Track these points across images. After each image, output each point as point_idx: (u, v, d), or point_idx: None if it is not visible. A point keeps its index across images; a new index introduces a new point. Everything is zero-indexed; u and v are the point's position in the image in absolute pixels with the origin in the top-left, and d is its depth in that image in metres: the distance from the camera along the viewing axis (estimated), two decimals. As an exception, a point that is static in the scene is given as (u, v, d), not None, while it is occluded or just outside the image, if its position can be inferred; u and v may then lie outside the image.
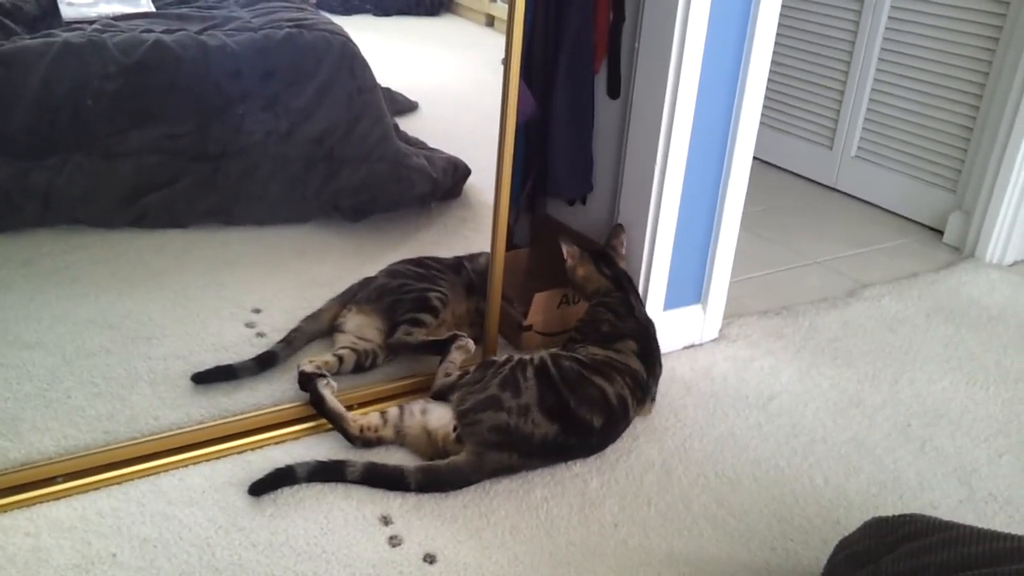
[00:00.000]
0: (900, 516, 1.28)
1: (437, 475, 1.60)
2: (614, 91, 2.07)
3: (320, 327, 2.00)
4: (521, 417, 1.62)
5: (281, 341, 1.93)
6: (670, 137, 1.89)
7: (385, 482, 1.59)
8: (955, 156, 2.88)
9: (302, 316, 2.07)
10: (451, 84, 4.22)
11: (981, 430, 1.91)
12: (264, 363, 1.87)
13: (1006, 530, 1.18)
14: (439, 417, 1.68)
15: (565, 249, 1.96)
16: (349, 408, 1.75)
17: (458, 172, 2.75)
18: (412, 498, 1.58)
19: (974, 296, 2.52)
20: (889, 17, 2.98)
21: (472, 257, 2.18)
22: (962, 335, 2.30)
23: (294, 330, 1.96)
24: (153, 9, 2.92)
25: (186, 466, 1.62)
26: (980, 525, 1.20)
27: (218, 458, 1.64)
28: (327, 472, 1.59)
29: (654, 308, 2.05)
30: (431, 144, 2.90)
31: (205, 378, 1.83)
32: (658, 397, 1.93)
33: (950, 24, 2.82)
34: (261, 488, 1.56)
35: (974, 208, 2.77)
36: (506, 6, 1.74)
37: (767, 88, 2.02)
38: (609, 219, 2.13)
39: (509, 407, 1.63)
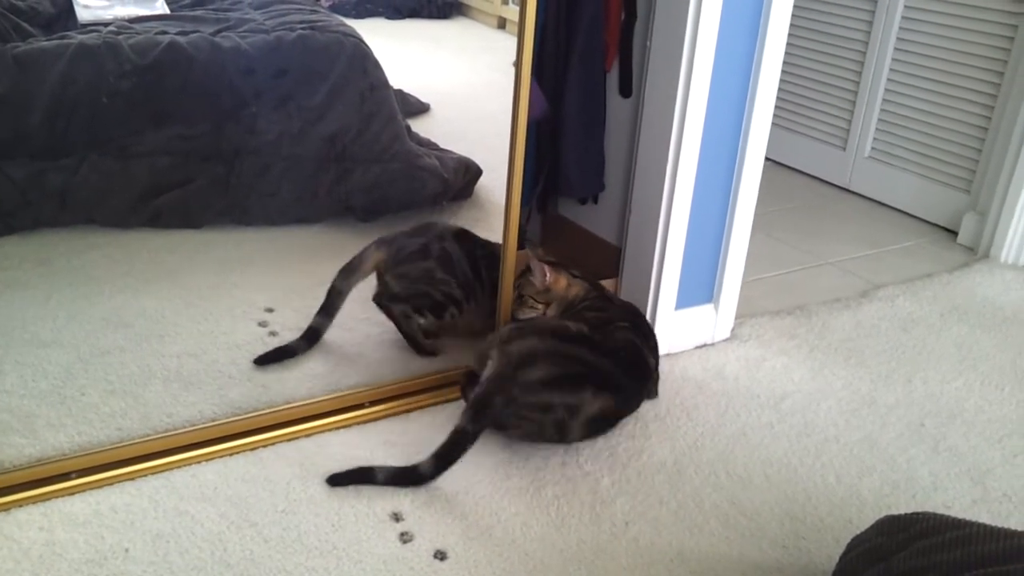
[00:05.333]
0: (912, 514, 1.27)
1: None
2: (626, 90, 2.07)
3: (357, 280, 2.01)
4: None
5: (320, 313, 1.97)
6: (682, 136, 1.89)
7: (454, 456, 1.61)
8: (969, 156, 2.86)
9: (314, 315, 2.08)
10: (463, 86, 4.23)
11: (995, 430, 1.90)
12: (311, 339, 1.96)
13: (1020, 530, 1.17)
14: None
15: (540, 267, 1.91)
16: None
17: (470, 172, 2.76)
18: (423, 495, 1.58)
19: (989, 296, 2.50)
20: (903, 17, 2.97)
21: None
22: (976, 335, 2.28)
23: (332, 291, 1.98)
24: (168, 11, 2.94)
25: (199, 462, 1.63)
26: (994, 525, 1.19)
27: (231, 455, 1.65)
28: (403, 478, 1.60)
29: (666, 307, 2.05)
30: (443, 145, 2.91)
31: (266, 359, 1.92)
32: (670, 396, 1.93)
33: (964, 24, 2.80)
34: (339, 480, 1.59)
35: (988, 208, 2.76)
36: (517, 8, 1.75)
37: (780, 89, 2.01)
38: (621, 218, 2.13)
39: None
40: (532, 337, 1.72)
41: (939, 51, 2.89)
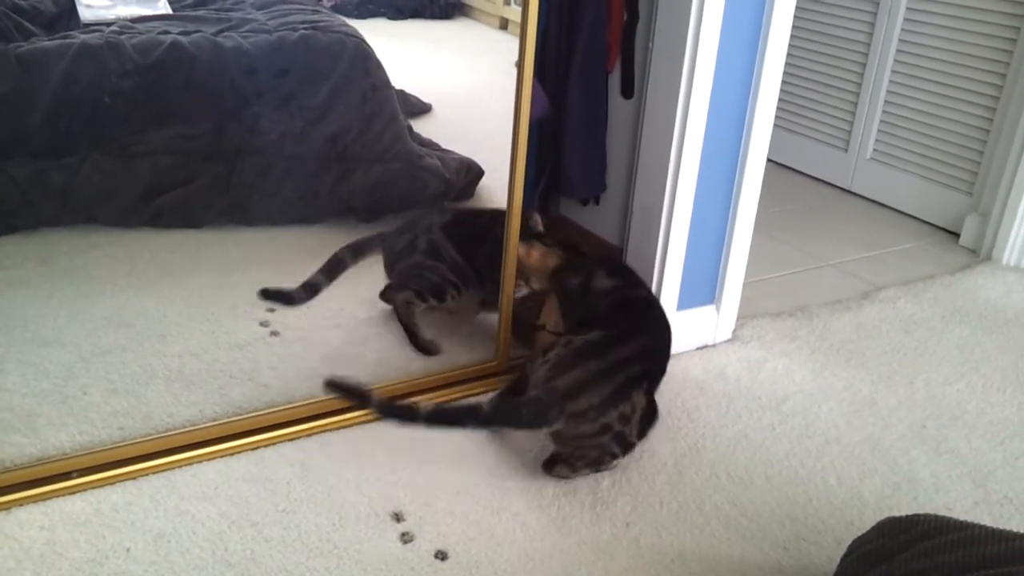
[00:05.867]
0: (913, 516, 1.27)
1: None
2: (628, 91, 2.07)
3: (358, 260, 2.12)
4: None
5: (320, 271, 2.09)
6: (684, 137, 1.89)
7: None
8: (971, 158, 2.86)
9: (316, 315, 2.09)
10: (465, 86, 4.23)
11: (997, 432, 1.90)
12: (310, 292, 2.09)
13: (1022, 532, 1.17)
14: None
15: (530, 250, 1.89)
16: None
17: (471, 173, 2.76)
18: (424, 494, 1.58)
19: (991, 298, 2.50)
20: (904, 19, 2.97)
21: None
22: (978, 337, 2.28)
23: (335, 258, 2.10)
24: (170, 11, 2.94)
25: (200, 462, 1.63)
26: (995, 527, 1.19)
27: (232, 454, 1.65)
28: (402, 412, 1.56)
29: (667, 308, 2.04)
30: (444, 145, 2.91)
31: (269, 295, 2.11)
32: (671, 397, 1.93)
33: (966, 25, 2.80)
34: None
35: (991, 210, 2.76)
36: (520, 9, 1.75)
37: (782, 90, 2.01)
38: (622, 219, 2.13)
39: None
40: (573, 370, 1.62)
41: (941, 53, 2.89)
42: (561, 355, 1.63)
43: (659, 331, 1.78)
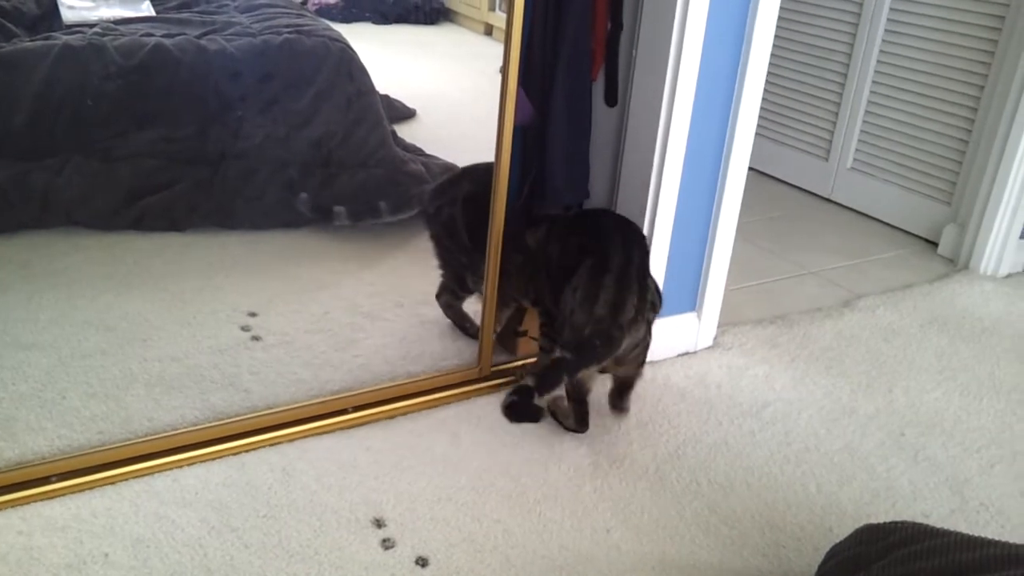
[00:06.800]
0: (891, 523, 1.28)
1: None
2: (611, 99, 2.08)
3: None
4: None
5: None
6: (666, 145, 1.91)
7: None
8: (950, 169, 2.89)
9: (298, 320, 2.09)
10: (449, 92, 4.23)
11: (974, 440, 1.92)
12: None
13: (997, 539, 1.18)
14: None
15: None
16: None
17: (455, 178, 2.76)
18: (406, 500, 1.58)
19: (968, 308, 2.53)
20: (885, 30, 3.00)
21: None
22: (956, 346, 2.31)
23: None
24: (153, 13, 2.93)
25: (180, 467, 1.62)
26: (972, 534, 1.20)
27: (212, 459, 1.65)
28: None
29: (649, 315, 2.06)
30: (428, 151, 2.92)
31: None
32: (652, 403, 1.94)
33: (946, 37, 2.84)
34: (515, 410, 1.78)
35: (968, 220, 2.79)
36: (504, 16, 1.75)
37: (764, 99, 2.03)
38: (605, 226, 2.13)
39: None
40: (599, 292, 1.74)
41: (921, 64, 2.92)
42: (581, 294, 1.73)
43: (626, 226, 1.87)
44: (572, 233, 1.84)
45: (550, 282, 1.83)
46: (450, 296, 2.11)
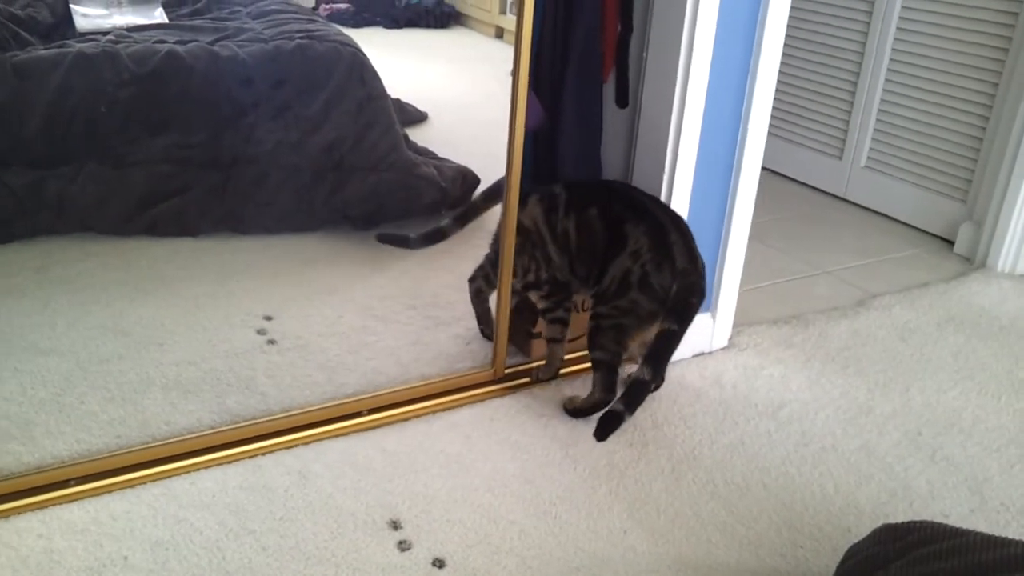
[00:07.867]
0: (910, 523, 1.27)
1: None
2: (622, 100, 2.08)
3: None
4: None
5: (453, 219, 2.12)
6: (678, 146, 1.90)
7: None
8: (965, 166, 2.88)
9: (312, 323, 2.09)
10: (460, 95, 4.24)
11: (993, 440, 1.90)
12: (431, 239, 2.15)
13: (1018, 539, 1.17)
14: None
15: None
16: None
17: (467, 181, 2.76)
18: (421, 502, 1.58)
19: (985, 306, 2.51)
20: (898, 28, 2.99)
21: None
22: (973, 345, 2.29)
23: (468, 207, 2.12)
24: (166, 20, 2.95)
25: (198, 470, 1.63)
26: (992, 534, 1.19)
27: (229, 462, 1.65)
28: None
29: (663, 316, 2.05)
30: (440, 154, 2.92)
31: (385, 239, 2.25)
32: (668, 404, 1.93)
33: (959, 35, 2.82)
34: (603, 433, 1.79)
35: (985, 218, 2.77)
36: (515, 18, 1.76)
37: (776, 98, 2.03)
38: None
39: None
40: (669, 249, 1.80)
41: (934, 61, 2.91)
42: (649, 256, 1.78)
43: (634, 189, 1.94)
44: (589, 205, 1.86)
45: (568, 255, 1.88)
46: (483, 282, 2.07)
